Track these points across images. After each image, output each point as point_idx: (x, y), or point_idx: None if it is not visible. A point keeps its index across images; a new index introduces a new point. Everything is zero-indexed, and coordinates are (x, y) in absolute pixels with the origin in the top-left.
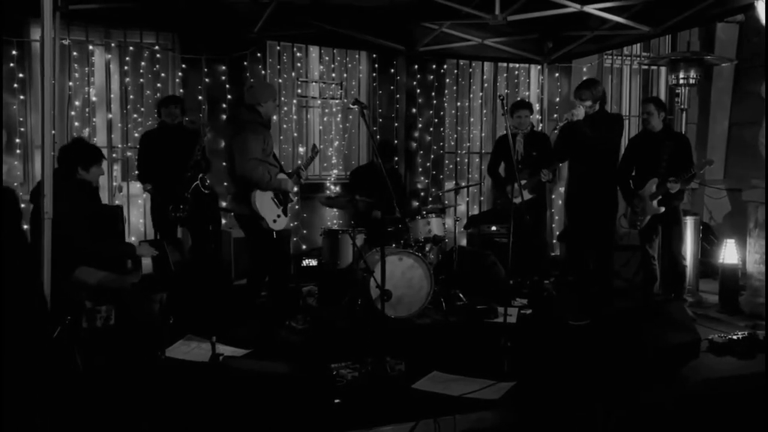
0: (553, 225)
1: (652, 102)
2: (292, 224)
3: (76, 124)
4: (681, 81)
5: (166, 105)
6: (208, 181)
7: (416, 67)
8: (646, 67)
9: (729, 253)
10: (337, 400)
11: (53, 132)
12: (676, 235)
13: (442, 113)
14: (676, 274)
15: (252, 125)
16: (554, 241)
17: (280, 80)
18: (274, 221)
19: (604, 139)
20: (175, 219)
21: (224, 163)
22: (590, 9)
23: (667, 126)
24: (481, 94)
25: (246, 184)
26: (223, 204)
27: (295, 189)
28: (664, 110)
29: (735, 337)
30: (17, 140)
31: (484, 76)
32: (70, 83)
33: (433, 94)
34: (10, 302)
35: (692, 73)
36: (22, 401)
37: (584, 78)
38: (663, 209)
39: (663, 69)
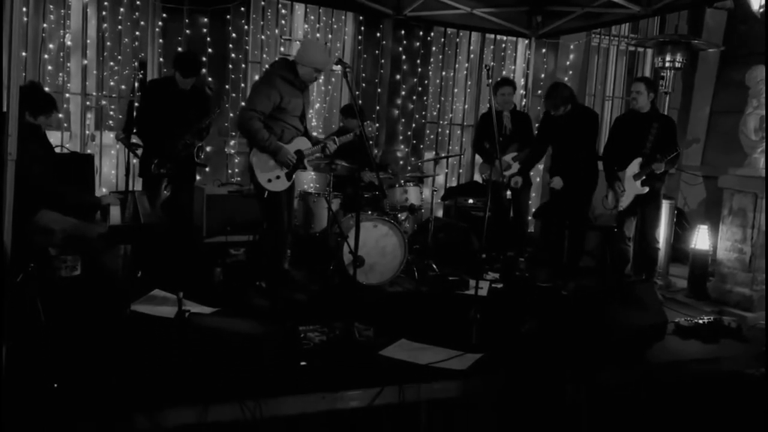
0: (530, 202)
1: (643, 81)
2: None
3: (50, 68)
4: (667, 64)
5: (185, 75)
6: (202, 155)
7: (403, 32)
8: (633, 48)
9: (701, 239)
10: (303, 363)
11: (24, 74)
12: (652, 218)
13: (426, 82)
14: (648, 256)
15: (276, 79)
16: (529, 218)
17: (263, 37)
18: (269, 181)
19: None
20: (157, 175)
21: None
22: None
23: (654, 107)
24: (466, 65)
25: (243, 133)
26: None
27: (316, 153)
28: (654, 91)
29: (701, 321)
30: None
31: (471, 47)
32: (45, 25)
33: (419, 61)
34: None
35: (678, 57)
36: None
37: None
38: (647, 189)
39: (649, 52)
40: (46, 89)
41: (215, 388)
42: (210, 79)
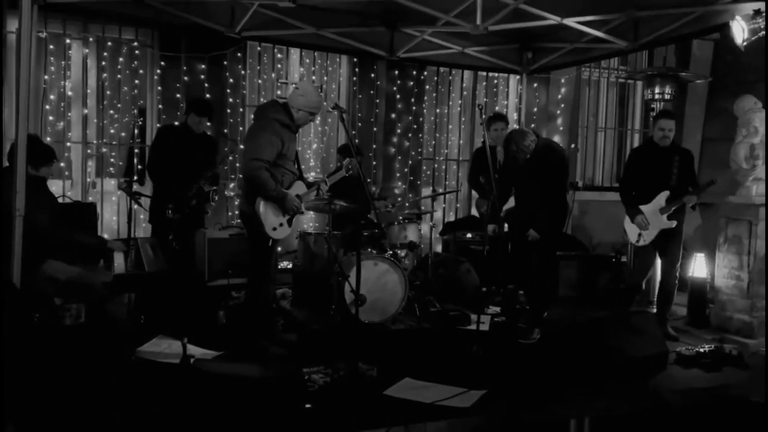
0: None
1: (672, 118)
2: None
3: (51, 118)
4: (657, 96)
5: (199, 114)
6: (216, 198)
7: (396, 72)
8: (623, 80)
9: (698, 267)
10: (308, 405)
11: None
12: (677, 250)
13: (421, 119)
14: (666, 291)
15: (276, 125)
16: None
17: (259, 81)
18: (275, 229)
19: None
20: (170, 220)
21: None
22: (570, 22)
23: (673, 141)
24: (460, 101)
25: (250, 184)
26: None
27: (311, 195)
28: None
29: (702, 350)
30: None
31: (464, 84)
32: (46, 77)
33: (413, 100)
34: None
35: (668, 89)
36: None
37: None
38: (675, 223)
39: (639, 83)
40: (48, 139)
41: None
42: (209, 124)
